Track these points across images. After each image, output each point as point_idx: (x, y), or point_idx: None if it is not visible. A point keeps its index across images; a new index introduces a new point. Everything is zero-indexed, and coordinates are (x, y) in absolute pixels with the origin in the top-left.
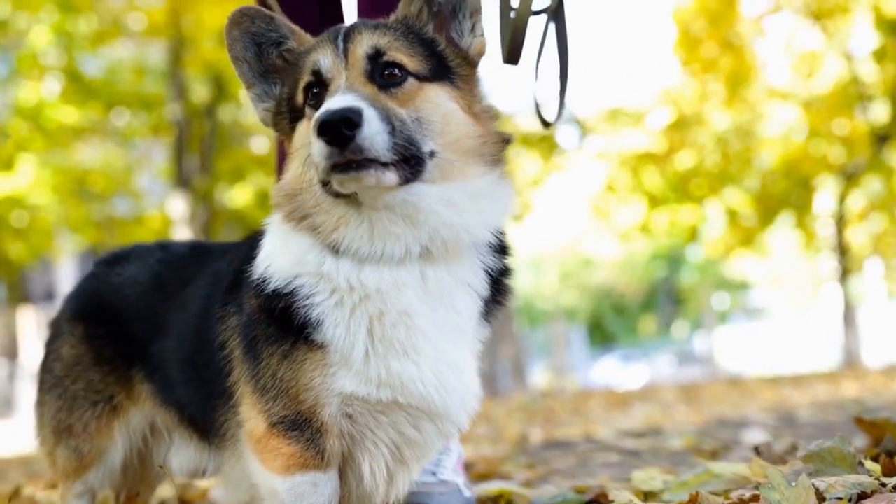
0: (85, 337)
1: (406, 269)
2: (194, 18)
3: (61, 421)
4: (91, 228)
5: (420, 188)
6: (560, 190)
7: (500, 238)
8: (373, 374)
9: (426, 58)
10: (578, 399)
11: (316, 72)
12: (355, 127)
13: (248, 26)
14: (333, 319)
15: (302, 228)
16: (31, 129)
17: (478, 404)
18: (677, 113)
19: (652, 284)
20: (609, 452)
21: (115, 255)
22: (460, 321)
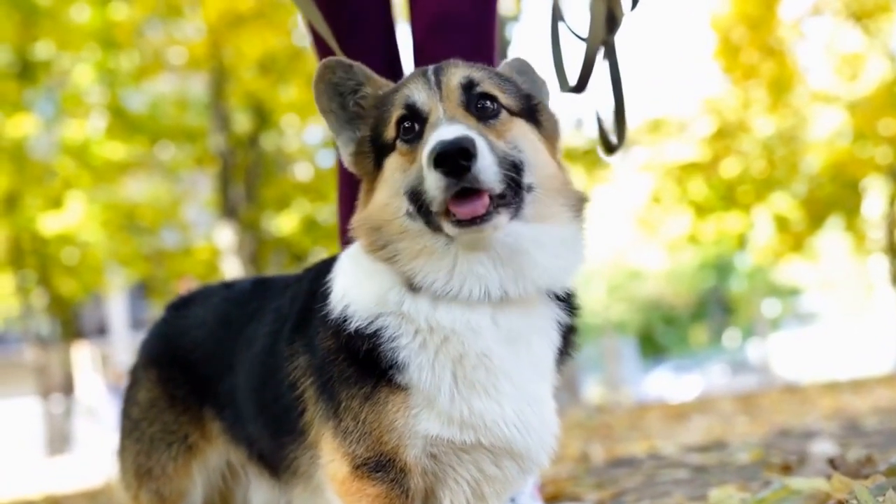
0: (158, 380)
1: (478, 311)
2: (234, 50)
3: (141, 465)
4: (140, 262)
5: (516, 228)
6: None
7: (570, 295)
8: (455, 415)
9: (517, 97)
10: (634, 413)
11: (410, 105)
12: (471, 157)
13: (330, 78)
14: (419, 362)
15: (381, 257)
16: (78, 166)
17: (556, 443)
18: (720, 121)
19: (701, 294)
20: (676, 469)
21: (183, 299)
22: (539, 363)
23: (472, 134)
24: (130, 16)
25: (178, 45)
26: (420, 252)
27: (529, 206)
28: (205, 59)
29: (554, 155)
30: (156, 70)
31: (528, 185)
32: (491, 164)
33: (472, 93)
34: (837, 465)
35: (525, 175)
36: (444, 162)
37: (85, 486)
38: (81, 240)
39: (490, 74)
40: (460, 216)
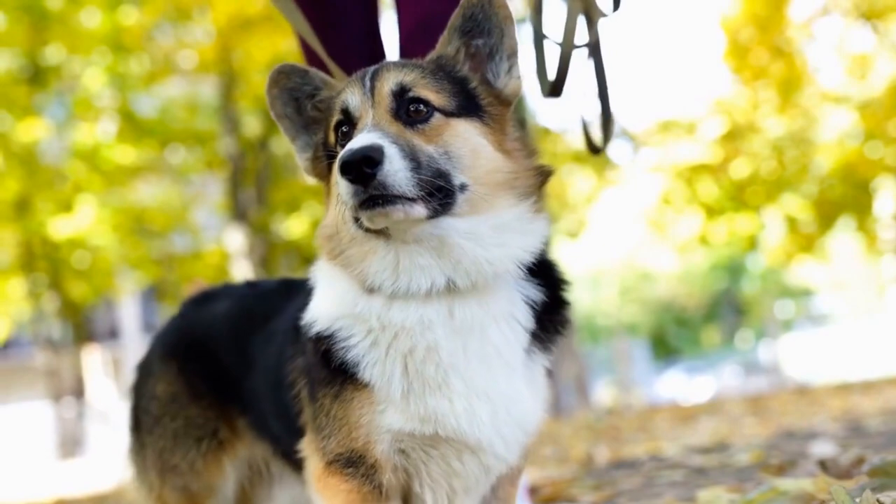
0: (180, 373)
1: (433, 305)
2: (243, 53)
3: (166, 461)
4: (151, 266)
5: (447, 222)
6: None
7: (547, 269)
8: (413, 410)
9: (454, 94)
10: (644, 415)
11: (344, 110)
12: (376, 165)
13: (284, 83)
14: (370, 359)
15: (338, 264)
16: (88, 170)
17: (524, 436)
18: (730, 122)
19: (713, 295)
20: (676, 470)
21: (203, 294)
22: (498, 353)
23: (381, 141)
24: (140, 20)
25: (187, 49)
26: (367, 254)
27: (464, 203)
28: (214, 62)
29: (502, 143)
30: (165, 74)
31: (459, 185)
32: (401, 169)
33: (403, 98)
34: (828, 467)
35: (456, 177)
36: (349, 170)
37: (96, 490)
38: (92, 244)
39: (424, 75)
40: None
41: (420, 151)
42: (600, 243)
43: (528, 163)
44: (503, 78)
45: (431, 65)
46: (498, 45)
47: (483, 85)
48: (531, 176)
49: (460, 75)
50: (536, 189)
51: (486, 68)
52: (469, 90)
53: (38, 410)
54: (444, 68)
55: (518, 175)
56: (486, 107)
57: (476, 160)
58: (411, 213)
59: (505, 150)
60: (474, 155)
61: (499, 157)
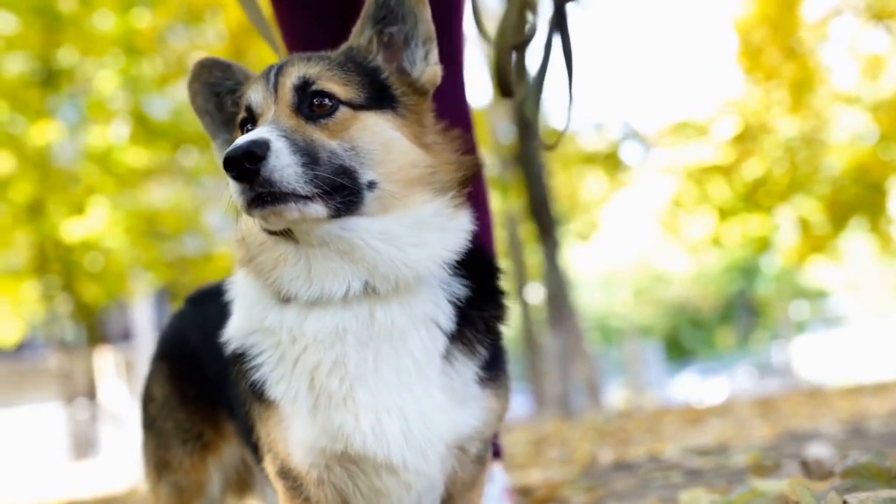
0: (170, 376)
1: (352, 311)
2: (255, 55)
3: (160, 458)
4: (163, 268)
5: (356, 222)
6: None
7: (478, 259)
8: (320, 426)
9: (363, 87)
10: (654, 417)
11: (248, 107)
12: (260, 160)
13: (206, 77)
14: (277, 375)
15: (251, 273)
16: (101, 172)
17: (444, 448)
18: (742, 123)
19: (727, 297)
20: (672, 472)
21: (201, 293)
22: (413, 362)
23: (268, 136)
24: (153, 22)
25: (200, 51)
26: (278, 261)
27: (374, 201)
28: None
29: (420, 135)
30: (178, 76)
31: (367, 182)
32: (289, 164)
33: (305, 92)
34: (811, 468)
35: (363, 174)
36: (231, 166)
37: (108, 492)
38: (105, 246)
39: (330, 67)
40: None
41: (320, 147)
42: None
43: (450, 156)
44: (419, 65)
45: (340, 56)
46: (413, 31)
47: (398, 75)
48: (452, 170)
49: (372, 66)
50: (458, 184)
51: (402, 56)
52: (381, 81)
53: (51, 412)
54: (354, 59)
55: (437, 170)
56: (400, 97)
57: (387, 155)
58: (307, 212)
59: (423, 143)
60: (385, 149)
61: (414, 151)
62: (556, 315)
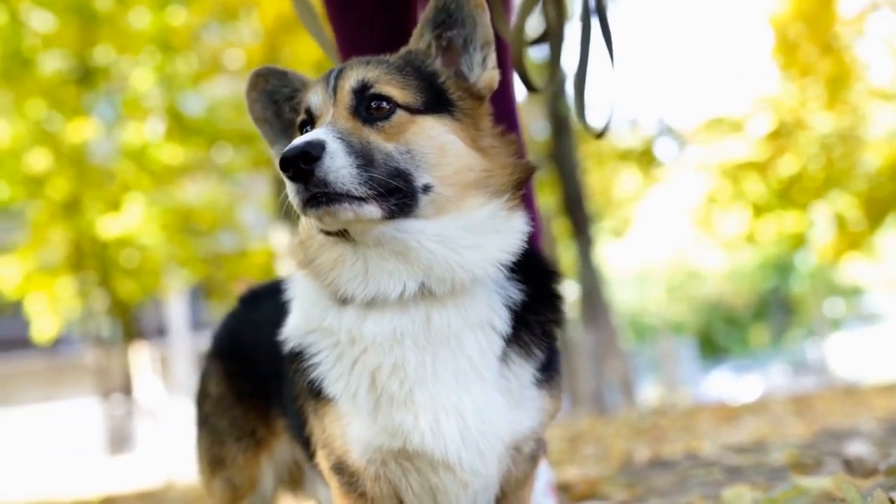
0: (225, 375)
1: (409, 314)
2: (290, 53)
3: (214, 455)
4: (198, 264)
5: (411, 224)
6: (662, 203)
7: (535, 262)
8: (380, 424)
9: (421, 91)
10: (688, 414)
11: (307, 109)
12: (315, 161)
13: (263, 86)
14: (335, 374)
15: (310, 274)
16: (136, 169)
17: (502, 448)
18: (778, 119)
19: (761, 294)
20: (710, 469)
21: (253, 293)
22: (471, 364)
23: (325, 137)
24: (188, 20)
25: (234, 49)
26: (336, 262)
27: (429, 204)
28: (261, 62)
29: (476, 139)
30: (213, 73)
31: (422, 185)
32: (344, 166)
33: (364, 95)
34: (853, 466)
35: (418, 177)
36: (287, 166)
37: (144, 487)
38: (140, 242)
39: (389, 71)
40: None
41: (376, 149)
42: (646, 242)
43: (505, 160)
44: (477, 70)
45: (399, 60)
46: (471, 36)
47: (456, 79)
48: (508, 174)
49: (429, 70)
50: (513, 187)
51: (460, 61)
52: (439, 85)
53: (87, 407)
54: (412, 63)
55: (492, 173)
56: (457, 102)
57: (443, 158)
58: (361, 213)
59: (479, 147)
60: (441, 153)
61: (470, 155)
62: (590, 312)
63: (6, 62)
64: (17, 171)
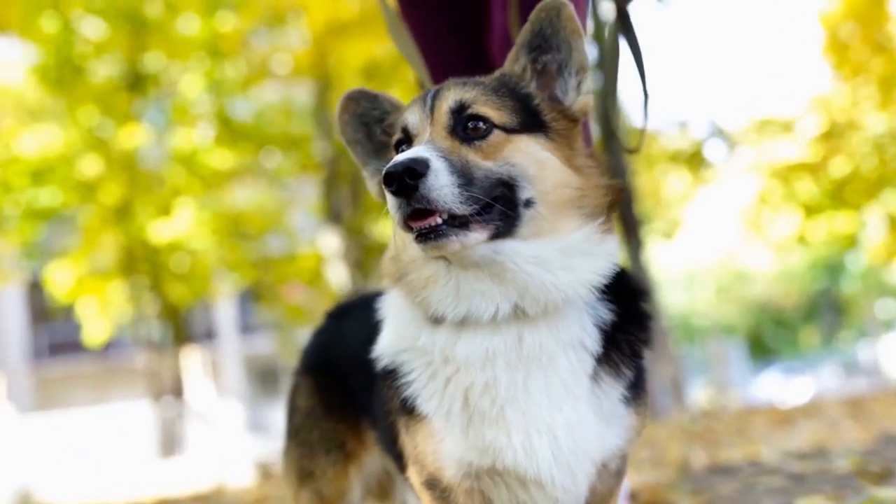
0: (315, 389)
1: (502, 334)
2: (338, 57)
3: (304, 467)
4: (248, 268)
5: (509, 245)
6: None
7: (625, 282)
8: (472, 441)
9: (516, 111)
10: (741, 417)
11: (404, 128)
12: (419, 177)
13: (354, 109)
14: (428, 392)
15: (402, 290)
16: (186, 174)
17: (592, 466)
18: (829, 119)
19: (812, 295)
20: (774, 476)
21: (340, 308)
22: (563, 383)
23: (427, 155)
24: (237, 26)
25: (282, 54)
26: (428, 281)
27: (529, 222)
28: (309, 66)
29: (570, 158)
30: (261, 78)
31: (525, 199)
32: (447, 184)
33: (461, 115)
34: None
35: (521, 191)
36: (391, 181)
37: (195, 489)
38: (191, 247)
39: (485, 92)
40: (414, 227)
41: (475, 167)
42: (696, 243)
43: (598, 180)
44: (571, 94)
45: (494, 82)
46: (567, 61)
47: (550, 101)
48: (601, 194)
49: (524, 92)
50: (605, 208)
51: (555, 85)
52: (533, 107)
53: (138, 410)
54: (507, 85)
55: (586, 193)
56: (550, 123)
57: (541, 172)
58: (467, 242)
59: (573, 165)
60: (539, 167)
61: (566, 172)
62: None
63: (59, 70)
64: (69, 176)
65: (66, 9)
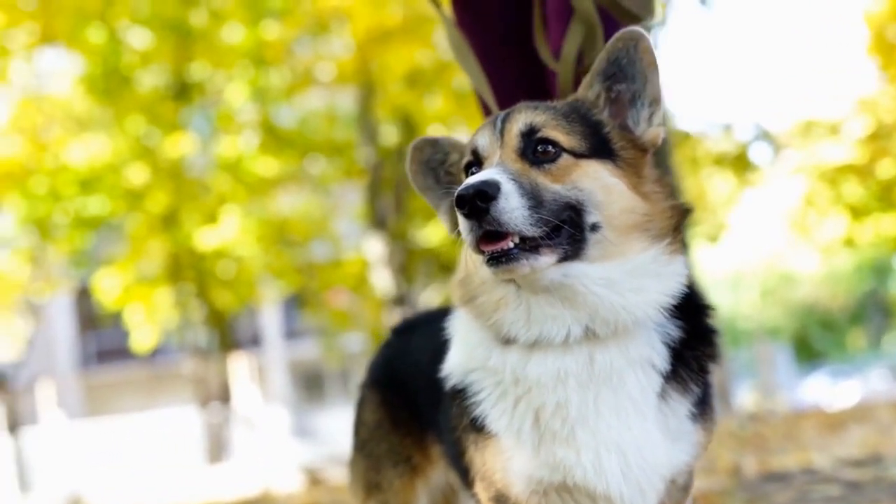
0: (382, 403)
1: (572, 355)
2: (381, 64)
3: (370, 479)
4: (293, 274)
5: (577, 268)
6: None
7: (691, 299)
8: (542, 459)
9: (586, 137)
10: (790, 422)
11: (474, 151)
12: (490, 200)
13: (419, 157)
14: (498, 411)
15: (470, 311)
16: (232, 182)
17: (661, 483)
18: (876, 121)
19: (859, 297)
20: (829, 485)
21: (406, 324)
22: (631, 402)
23: (498, 178)
24: (281, 34)
25: (326, 62)
26: (499, 303)
27: (596, 245)
28: (353, 74)
29: (637, 185)
30: (305, 86)
31: (591, 224)
32: (517, 207)
33: (531, 139)
34: None
35: (588, 215)
36: (463, 203)
37: (242, 494)
38: (236, 254)
39: (555, 117)
40: (485, 250)
41: (544, 190)
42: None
43: (664, 205)
44: (643, 125)
45: (566, 107)
46: (640, 92)
47: (620, 130)
48: (667, 217)
49: (595, 119)
50: (672, 230)
51: (626, 114)
52: (603, 134)
53: (185, 416)
54: (578, 111)
55: (653, 217)
56: (619, 151)
57: (608, 197)
58: (537, 266)
59: (640, 192)
60: (606, 192)
61: (633, 198)
62: None
63: (106, 80)
64: (117, 185)
65: (112, 20)
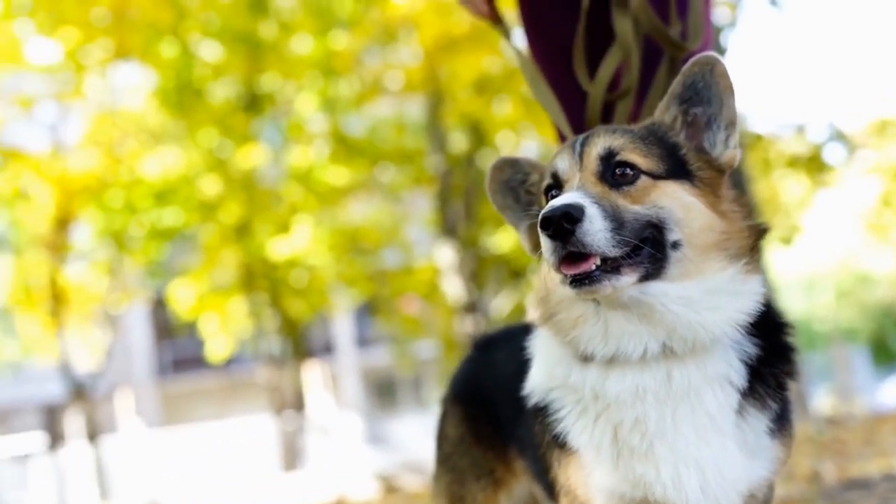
0: (465, 418)
1: (650, 371)
2: (449, 72)
3: (454, 492)
4: (364, 282)
5: (656, 286)
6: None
7: (768, 315)
8: (622, 474)
9: (663, 159)
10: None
11: (554, 174)
12: (576, 222)
13: (499, 177)
14: (579, 428)
15: (549, 329)
16: (303, 192)
17: (738, 499)
18: None
19: None
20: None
21: (487, 339)
22: (709, 418)
23: (582, 201)
24: (349, 44)
25: (395, 70)
26: (577, 321)
27: (676, 264)
28: (421, 82)
29: (715, 204)
30: (374, 95)
31: (672, 241)
32: (601, 230)
33: (610, 162)
34: None
35: (669, 233)
36: (548, 225)
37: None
38: (309, 263)
39: (633, 140)
40: (567, 273)
41: (625, 211)
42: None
43: (742, 224)
44: (719, 147)
45: (643, 130)
46: (716, 115)
47: (697, 152)
48: (744, 236)
49: (672, 141)
50: (749, 249)
51: (702, 137)
52: (680, 156)
53: (260, 424)
54: (655, 133)
55: (731, 236)
56: (696, 172)
57: (688, 215)
58: (619, 286)
59: (718, 211)
60: (686, 210)
61: (711, 216)
62: None
63: (178, 93)
64: (191, 197)
65: (184, 34)
